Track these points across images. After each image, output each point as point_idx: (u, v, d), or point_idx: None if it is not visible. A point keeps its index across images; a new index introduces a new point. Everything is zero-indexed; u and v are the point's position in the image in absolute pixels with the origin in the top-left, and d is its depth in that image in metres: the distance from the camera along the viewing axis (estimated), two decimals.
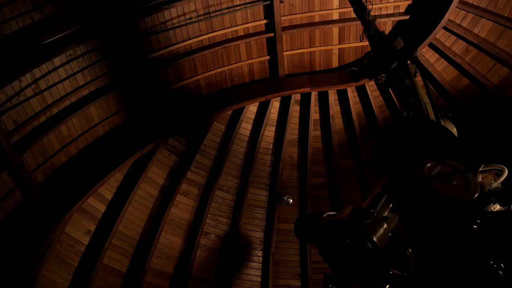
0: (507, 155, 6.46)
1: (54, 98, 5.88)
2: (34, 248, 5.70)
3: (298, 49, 7.60)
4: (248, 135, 8.13)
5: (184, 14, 6.52)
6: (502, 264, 2.00)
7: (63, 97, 5.96)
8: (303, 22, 7.33)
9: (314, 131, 8.18)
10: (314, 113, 8.11)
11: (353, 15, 7.07)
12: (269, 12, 6.96)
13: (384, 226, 2.22)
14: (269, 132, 8.20)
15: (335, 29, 7.42)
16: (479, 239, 2.14)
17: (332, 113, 8.01)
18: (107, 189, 6.85)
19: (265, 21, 7.09)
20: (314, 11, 7.15)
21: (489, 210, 2.34)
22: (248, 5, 6.80)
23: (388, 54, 3.47)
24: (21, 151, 5.68)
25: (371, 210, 2.30)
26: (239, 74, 7.70)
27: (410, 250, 2.24)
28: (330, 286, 2.34)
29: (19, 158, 5.62)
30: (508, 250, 2.03)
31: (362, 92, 7.96)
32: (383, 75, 3.61)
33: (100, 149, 6.72)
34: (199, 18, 6.66)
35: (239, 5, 6.77)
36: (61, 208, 6.11)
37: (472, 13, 6.77)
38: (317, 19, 7.32)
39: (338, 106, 8.13)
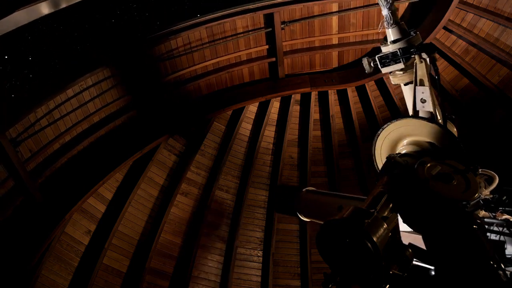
0: (507, 155, 6.46)
1: (66, 126, 6.11)
2: (34, 248, 5.70)
3: (299, 72, 7.88)
4: (248, 135, 8.13)
5: (190, 43, 6.82)
6: (502, 264, 2.01)
7: (75, 125, 6.19)
8: (304, 47, 7.60)
9: (314, 131, 8.18)
10: (314, 113, 8.12)
11: (351, 39, 7.50)
12: (271, 38, 7.25)
13: (384, 226, 2.22)
14: (269, 132, 8.20)
15: (334, 53, 7.71)
16: (479, 239, 2.14)
17: (332, 113, 8.02)
18: (107, 189, 6.84)
19: (267, 47, 7.37)
20: (314, 36, 7.42)
21: (477, 215, 2.35)
22: (250, 32, 7.09)
23: (406, 49, 3.35)
24: (36, 178, 5.89)
25: (371, 210, 2.30)
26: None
27: (410, 250, 2.24)
28: (330, 286, 2.34)
29: (35, 185, 5.82)
30: None
31: (362, 92, 7.96)
32: (396, 70, 3.46)
33: (100, 149, 6.73)
34: (204, 46, 6.95)
35: (242, 32, 7.06)
36: (61, 208, 6.11)
37: (472, 13, 6.78)
38: (317, 44, 7.59)
39: (338, 106, 8.13)
